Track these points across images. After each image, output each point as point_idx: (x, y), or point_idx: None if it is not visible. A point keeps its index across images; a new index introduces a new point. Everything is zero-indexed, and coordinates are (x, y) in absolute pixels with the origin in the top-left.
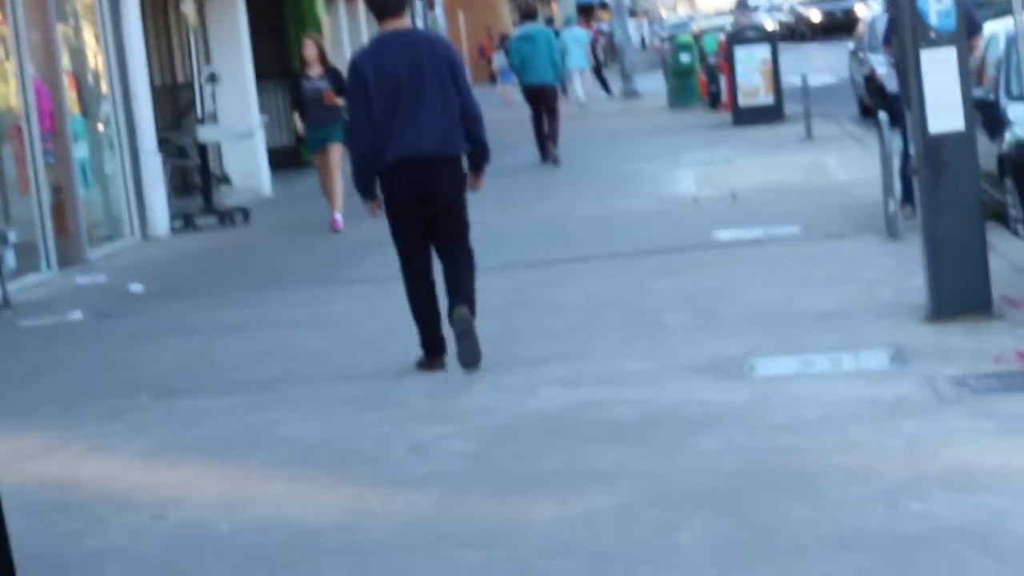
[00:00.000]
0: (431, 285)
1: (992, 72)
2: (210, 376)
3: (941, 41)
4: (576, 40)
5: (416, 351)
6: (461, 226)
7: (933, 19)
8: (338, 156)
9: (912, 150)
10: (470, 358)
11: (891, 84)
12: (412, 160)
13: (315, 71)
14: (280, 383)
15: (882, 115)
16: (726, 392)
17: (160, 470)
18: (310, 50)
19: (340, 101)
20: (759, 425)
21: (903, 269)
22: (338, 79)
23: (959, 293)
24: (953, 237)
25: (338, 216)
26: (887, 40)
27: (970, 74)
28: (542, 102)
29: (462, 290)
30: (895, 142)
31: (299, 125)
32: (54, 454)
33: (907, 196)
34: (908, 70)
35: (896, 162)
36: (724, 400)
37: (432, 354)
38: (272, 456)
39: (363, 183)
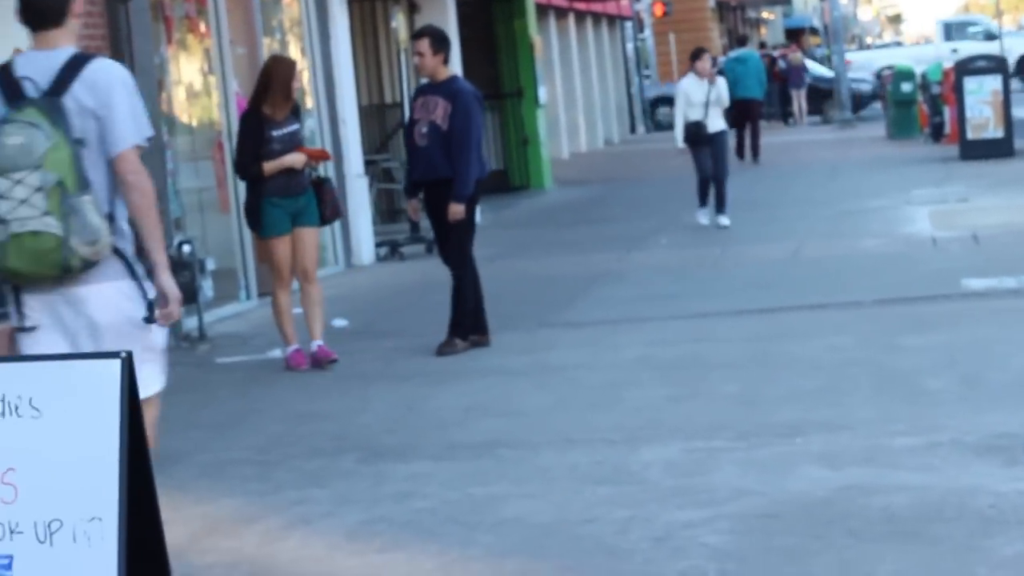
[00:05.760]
0: None
1: None
2: (422, 434)
3: None
4: None
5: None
6: None
7: None
8: (316, 248)
9: None
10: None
11: None
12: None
13: (282, 112)
14: (499, 447)
15: None
16: (1015, 480)
17: (368, 554)
18: (283, 81)
19: (329, 155)
20: None
21: None
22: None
23: None
24: None
25: (319, 344)
26: None
27: None
28: (748, 112)
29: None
30: None
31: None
32: (250, 527)
33: None
34: None
35: None
36: (1015, 491)
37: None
38: (497, 542)
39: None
